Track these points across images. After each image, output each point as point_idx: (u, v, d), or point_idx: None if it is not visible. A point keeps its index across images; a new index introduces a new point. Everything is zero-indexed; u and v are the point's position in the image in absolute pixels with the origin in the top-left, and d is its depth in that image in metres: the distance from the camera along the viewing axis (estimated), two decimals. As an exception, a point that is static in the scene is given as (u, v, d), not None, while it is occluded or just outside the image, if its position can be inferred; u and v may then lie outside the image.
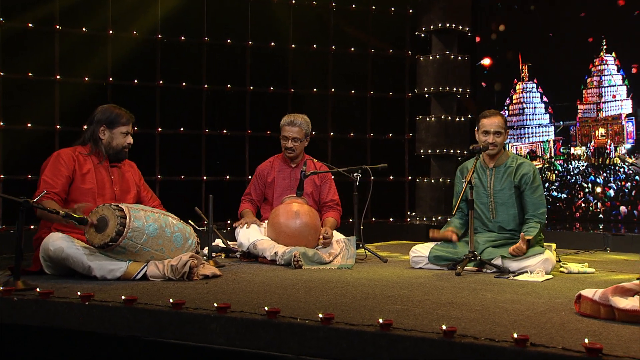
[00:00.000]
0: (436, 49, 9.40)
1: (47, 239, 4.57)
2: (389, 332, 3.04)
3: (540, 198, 5.29)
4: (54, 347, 3.81)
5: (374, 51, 9.49)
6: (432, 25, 9.34)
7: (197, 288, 4.30)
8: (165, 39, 8.52)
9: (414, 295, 4.05)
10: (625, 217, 9.87)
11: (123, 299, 3.68)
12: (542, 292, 4.24)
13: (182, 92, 8.60)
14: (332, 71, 9.32)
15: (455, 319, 3.32)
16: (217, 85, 8.77)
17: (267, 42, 9.01)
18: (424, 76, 9.37)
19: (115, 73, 8.32)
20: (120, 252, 4.50)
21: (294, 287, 4.36)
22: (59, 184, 4.80)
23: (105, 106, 5.16)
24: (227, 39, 8.82)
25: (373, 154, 9.37)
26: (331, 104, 9.27)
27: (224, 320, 3.42)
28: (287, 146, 6.14)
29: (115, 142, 5.04)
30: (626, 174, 9.96)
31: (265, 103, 9.03)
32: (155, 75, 8.48)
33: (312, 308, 3.63)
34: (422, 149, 9.33)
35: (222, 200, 7.36)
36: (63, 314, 3.77)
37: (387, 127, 9.56)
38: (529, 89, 10.94)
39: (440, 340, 2.90)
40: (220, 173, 8.80)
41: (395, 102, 9.63)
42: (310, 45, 9.21)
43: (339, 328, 3.15)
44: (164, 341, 3.54)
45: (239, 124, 8.91)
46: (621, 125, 10.11)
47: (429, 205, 9.23)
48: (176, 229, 4.70)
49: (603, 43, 10.20)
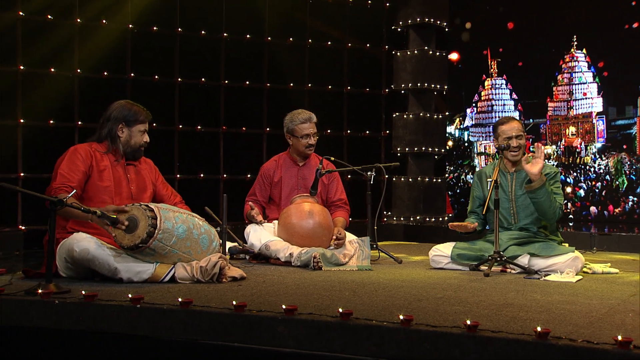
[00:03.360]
0: (414, 44, 9.59)
1: (70, 240, 4.57)
2: (476, 333, 3.19)
3: (558, 190, 5.51)
4: (101, 352, 3.84)
5: (351, 45, 9.64)
6: (410, 19, 9.53)
7: (233, 290, 4.37)
8: (136, 29, 8.49)
9: (463, 297, 4.21)
10: (595, 217, 10.25)
11: (180, 302, 3.73)
12: (586, 293, 4.44)
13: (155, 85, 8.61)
14: (309, 66, 9.44)
15: (526, 321, 3.48)
16: (190, 79, 8.80)
17: (243, 35, 9.07)
18: (401, 72, 9.56)
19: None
20: (148, 254, 4.54)
21: (335, 289, 4.49)
22: (76, 179, 4.80)
23: (121, 102, 5.17)
24: (202, 31, 8.85)
25: (350, 151, 9.52)
26: (307, 100, 9.38)
27: (293, 323, 3.51)
28: (310, 143, 6.24)
29: (133, 141, 5.07)
30: (597, 174, 10.35)
31: (241, 98, 9.08)
32: (126, 67, 8.47)
33: (376, 309, 3.76)
34: (399, 146, 9.51)
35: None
36: (111, 317, 3.81)
37: (363, 124, 9.71)
38: (498, 86, 11.25)
39: (534, 342, 3.05)
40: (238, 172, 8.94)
41: (371, 98, 9.79)
42: (286, 38, 9.31)
43: (421, 330, 3.29)
44: (226, 345, 3.61)
45: (213, 119, 8.95)
46: (592, 124, 10.49)
47: (406, 205, 9.42)
48: (202, 230, 4.76)
49: (574, 39, 10.56)
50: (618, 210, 10.12)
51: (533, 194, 5.34)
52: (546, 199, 5.32)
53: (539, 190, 5.30)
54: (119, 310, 3.81)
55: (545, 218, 5.47)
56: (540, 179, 5.29)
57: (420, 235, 8.83)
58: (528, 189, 5.35)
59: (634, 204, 10.03)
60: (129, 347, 3.80)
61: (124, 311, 3.81)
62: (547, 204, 5.35)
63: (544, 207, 5.36)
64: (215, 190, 8.84)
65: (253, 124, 9.15)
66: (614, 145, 10.21)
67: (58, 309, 3.90)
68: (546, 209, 5.37)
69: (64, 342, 3.89)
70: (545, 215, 5.42)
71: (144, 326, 3.76)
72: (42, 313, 3.91)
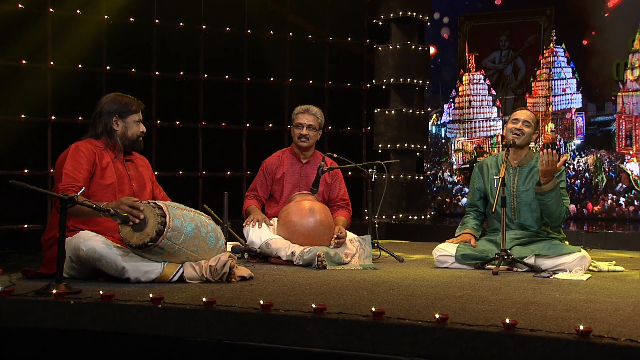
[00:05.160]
0: (396, 38, 9.70)
1: (76, 239, 4.55)
2: (515, 332, 3.28)
3: (564, 191, 5.64)
4: (119, 352, 3.86)
5: (332, 39, 9.72)
6: (392, 13, 9.63)
7: (246, 290, 4.41)
8: (112, 21, 8.48)
9: (484, 295, 4.30)
10: (574, 215, 10.47)
11: (204, 301, 3.77)
12: (602, 291, 4.56)
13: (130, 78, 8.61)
14: (289, 60, 9.50)
15: (558, 319, 3.57)
16: (168, 73, 8.81)
17: (222, 27, 9.10)
18: (382, 67, 9.66)
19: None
20: (157, 253, 4.55)
21: (350, 288, 4.55)
22: (81, 178, 4.78)
23: (110, 96, 5.15)
24: (179, 23, 8.86)
25: (331, 148, 9.56)
26: (288, 95, 9.44)
27: (323, 322, 3.57)
28: (302, 133, 6.22)
29: (130, 132, 5.07)
30: (576, 171, 10.56)
31: (220, 92, 9.11)
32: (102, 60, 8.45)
33: (402, 308, 3.84)
34: (380, 143, 9.61)
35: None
36: (131, 317, 3.82)
37: (344, 120, 9.80)
38: (475, 81, 11.41)
39: (576, 341, 3.14)
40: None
41: (352, 93, 9.90)
42: (267, 31, 9.35)
43: (457, 329, 3.37)
44: (252, 344, 3.66)
45: (191, 114, 8.98)
46: (571, 120, 10.70)
47: (388, 203, 9.51)
48: (210, 228, 4.79)
49: (553, 34, 10.76)
50: (597, 208, 10.34)
51: (542, 196, 5.46)
52: (554, 202, 5.45)
53: (548, 193, 5.43)
54: (139, 310, 3.83)
55: (549, 219, 5.58)
56: (552, 182, 5.41)
57: (403, 234, 8.92)
58: (537, 191, 5.47)
59: (613, 202, 10.25)
60: (150, 347, 3.82)
61: (143, 311, 3.81)
62: (554, 207, 5.47)
63: (551, 210, 5.48)
64: (194, 188, 8.86)
65: (233, 119, 9.18)
66: (593, 142, 10.44)
67: (74, 309, 3.89)
68: (553, 211, 5.49)
69: (79, 342, 3.90)
70: (551, 217, 5.54)
71: (166, 326, 3.78)
72: (57, 314, 3.91)
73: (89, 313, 3.89)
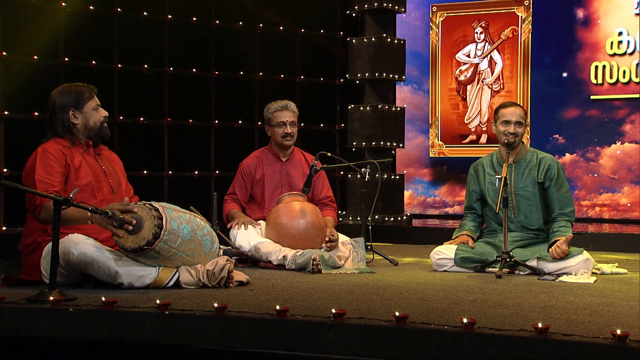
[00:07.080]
0: (370, 30, 9.76)
1: (65, 243, 4.51)
2: (548, 337, 3.39)
3: (567, 194, 5.82)
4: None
5: (304, 31, 9.79)
6: (366, 4, 9.68)
7: (248, 295, 4.46)
8: (69, 8, 8.43)
9: (497, 299, 4.41)
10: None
11: (215, 307, 3.82)
12: (614, 294, 4.70)
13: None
14: (259, 52, 9.56)
15: (584, 323, 3.69)
16: (131, 66, 8.80)
17: (189, 17, 9.12)
18: (357, 60, 9.70)
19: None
20: (152, 257, 4.57)
21: (356, 292, 4.64)
22: (57, 182, 4.73)
23: (58, 89, 5.02)
24: (143, 12, 8.85)
25: (302, 146, 9.62)
26: (258, 89, 9.50)
27: (343, 328, 3.65)
28: (286, 132, 6.31)
29: (92, 121, 4.98)
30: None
31: (186, 86, 9.14)
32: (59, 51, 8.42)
33: (419, 313, 3.94)
34: (355, 141, 9.65)
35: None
36: (136, 325, 3.85)
37: (316, 117, 9.86)
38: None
39: (614, 346, 3.25)
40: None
41: (325, 88, 9.98)
42: (235, 22, 9.40)
43: (486, 334, 3.47)
44: (268, 352, 3.72)
45: (156, 110, 8.99)
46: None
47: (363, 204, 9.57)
48: (205, 231, 4.82)
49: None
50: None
51: None
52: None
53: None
54: (145, 317, 3.86)
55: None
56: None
57: (379, 236, 8.99)
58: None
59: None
60: (155, 356, 3.86)
61: (150, 318, 3.84)
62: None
63: None
64: (159, 188, 8.85)
65: (200, 115, 9.20)
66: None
67: (73, 317, 3.91)
68: None
69: (79, 352, 3.93)
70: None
71: (174, 334, 3.81)
72: (54, 322, 3.91)
73: (90, 321, 3.90)
